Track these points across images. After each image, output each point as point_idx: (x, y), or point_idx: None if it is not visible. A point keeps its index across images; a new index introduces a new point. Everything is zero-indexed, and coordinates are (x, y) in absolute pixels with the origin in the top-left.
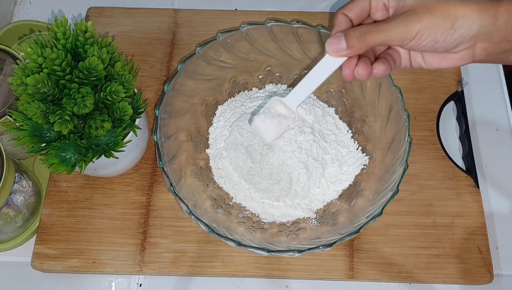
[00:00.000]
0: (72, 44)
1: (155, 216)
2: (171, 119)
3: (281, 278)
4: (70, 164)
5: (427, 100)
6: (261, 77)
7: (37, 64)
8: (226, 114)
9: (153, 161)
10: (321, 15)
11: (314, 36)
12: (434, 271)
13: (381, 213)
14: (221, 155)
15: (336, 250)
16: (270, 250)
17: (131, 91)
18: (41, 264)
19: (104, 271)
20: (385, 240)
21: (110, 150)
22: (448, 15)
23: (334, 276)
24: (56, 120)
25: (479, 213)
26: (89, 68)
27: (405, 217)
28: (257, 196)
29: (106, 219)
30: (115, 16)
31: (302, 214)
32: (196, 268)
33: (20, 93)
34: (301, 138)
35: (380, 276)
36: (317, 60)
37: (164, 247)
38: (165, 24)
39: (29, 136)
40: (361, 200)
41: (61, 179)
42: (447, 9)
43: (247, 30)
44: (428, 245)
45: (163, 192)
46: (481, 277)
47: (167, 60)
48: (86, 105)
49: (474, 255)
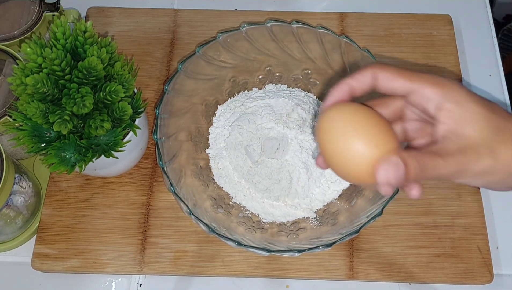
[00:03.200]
0: (71, 44)
1: (155, 216)
2: (171, 119)
3: (281, 278)
4: (70, 164)
5: None
6: (261, 77)
7: (37, 64)
8: (226, 114)
9: (153, 161)
10: (321, 15)
11: (314, 36)
12: (434, 271)
13: (381, 213)
14: (221, 155)
15: (336, 250)
16: (270, 250)
17: (130, 91)
18: (41, 264)
19: (104, 271)
20: (385, 240)
21: (110, 150)
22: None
23: (334, 276)
24: (55, 120)
25: (479, 213)
26: (88, 68)
27: (405, 216)
28: (257, 195)
29: (106, 219)
30: (115, 16)
31: (302, 214)
32: (197, 268)
33: (20, 93)
34: (302, 138)
35: (380, 276)
36: (316, 60)
37: (164, 247)
38: (165, 24)
39: (28, 136)
40: (361, 199)
41: (61, 179)
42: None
43: (247, 30)
44: (428, 245)
45: (163, 192)
46: (481, 277)
47: (167, 60)
48: (86, 105)
49: (474, 255)
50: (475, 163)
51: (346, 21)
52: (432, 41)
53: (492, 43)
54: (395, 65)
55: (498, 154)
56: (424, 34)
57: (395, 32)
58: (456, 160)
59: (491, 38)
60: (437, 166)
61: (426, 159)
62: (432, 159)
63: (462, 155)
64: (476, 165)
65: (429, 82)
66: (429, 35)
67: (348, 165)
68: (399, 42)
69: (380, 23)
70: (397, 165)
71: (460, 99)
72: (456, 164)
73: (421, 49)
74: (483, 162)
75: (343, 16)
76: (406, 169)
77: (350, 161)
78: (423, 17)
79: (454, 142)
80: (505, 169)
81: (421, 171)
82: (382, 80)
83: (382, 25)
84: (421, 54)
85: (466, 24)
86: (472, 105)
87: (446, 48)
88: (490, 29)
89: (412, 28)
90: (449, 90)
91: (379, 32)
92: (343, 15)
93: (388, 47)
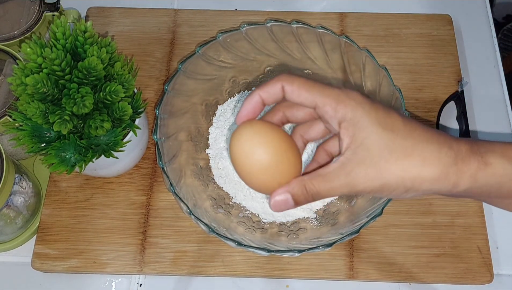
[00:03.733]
0: (71, 44)
1: (155, 216)
2: (171, 119)
3: (281, 278)
4: (70, 164)
5: (427, 100)
6: (261, 77)
7: (37, 64)
8: (226, 114)
9: (153, 161)
10: (321, 15)
11: (314, 36)
12: (434, 271)
13: (381, 213)
14: (221, 155)
15: (336, 250)
16: (270, 250)
17: (130, 91)
18: (41, 264)
19: (104, 271)
20: (385, 240)
21: (110, 150)
22: (403, 181)
23: (334, 276)
24: (55, 120)
25: (479, 212)
26: (88, 68)
27: (405, 216)
28: (257, 196)
29: (106, 219)
30: (115, 16)
31: (302, 214)
32: (196, 268)
33: (20, 93)
34: None
35: (380, 276)
36: (316, 60)
37: (164, 247)
38: (165, 24)
39: (28, 136)
40: (361, 199)
41: (61, 179)
42: (403, 174)
43: (247, 30)
44: (428, 245)
45: (163, 192)
46: (481, 277)
47: (167, 60)
48: (86, 105)
49: (474, 254)
50: (364, 183)
51: (346, 21)
52: (432, 41)
53: (492, 43)
54: (305, 77)
55: (387, 173)
56: (424, 34)
57: (395, 32)
58: (342, 183)
59: (491, 38)
60: (323, 190)
61: (314, 185)
62: (320, 184)
63: (349, 177)
64: (365, 185)
65: (331, 99)
66: (429, 35)
67: (254, 182)
68: (399, 42)
69: (380, 23)
70: (285, 200)
71: (357, 119)
72: (342, 187)
73: (421, 49)
74: (371, 182)
75: (343, 16)
76: (295, 197)
77: (256, 180)
78: (423, 17)
79: (350, 160)
80: (400, 186)
81: (311, 196)
82: (289, 93)
83: (382, 25)
84: (421, 54)
85: (466, 24)
86: (367, 124)
87: (446, 48)
88: (490, 29)
89: (412, 28)
90: (349, 109)
91: (379, 32)
92: (343, 15)
93: (388, 47)
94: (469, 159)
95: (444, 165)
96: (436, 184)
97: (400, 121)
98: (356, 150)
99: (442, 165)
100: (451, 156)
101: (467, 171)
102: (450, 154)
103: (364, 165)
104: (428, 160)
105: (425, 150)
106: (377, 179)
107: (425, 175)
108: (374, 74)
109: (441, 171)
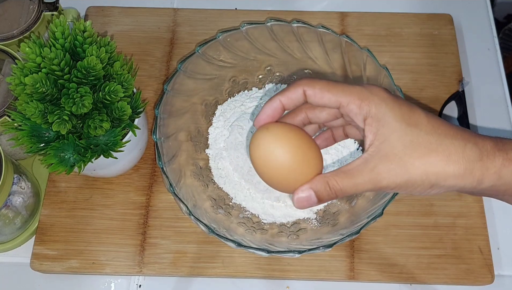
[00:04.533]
0: (70, 43)
1: (155, 216)
2: (170, 118)
3: (282, 278)
4: (69, 164)
5: (428, 100)
6: (261, 77)
7: (36, 63)
8: (226, 114)
9: (153, 161)
10: (322, 15)
11: (314, 36)
12: (435, 272)
13: (382, 214)
14: (221, 155)
15: (336, 250)
16: (271, 251)
17: (130, 91)
18: (40, 265)
19: (104, 272)
20: (386, 241)
21: (109, 150)
22: (428, 177)
23: (335, 277)
24: (54, 120)
25: (480, 213)
26: (87, 68)
27: (406, 217)
28: (257, 196)
29: (105, 220)
30: (114, 15)
31: (302, 215)
32: (196, 269)
33: (19, 93)
34: None
35: (381, 277)
36: (317, 60)
37: (164, 248)
38: (165, 23)
39: (27, 136)
40: (362, 200)
41: (60, 179)
42: (427, 169)
43: (247, 29)
44: (429, 246)
45: (163, 192)
46: (482, 278)
47: (167, 60)
48: (85, 104)
49: (475, 255)
50: (387, 179)
51: (347, 21)
52: (433, 40)
53: (493, 43)
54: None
55: (412, 168)
56: (425, 33)
57: (396, 32)
58: (365, 179)
59: (492, 38)
60: (346, 187)
61: (338, 181)
62: (343, 180)
63: (373, 173)
64: (389, 181)
65: (354, 96)
66: (430, 34)
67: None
68: (400, 42)
69: (381, 22)
70: (308, 196)
71: (381, 115)
72: (365, 183)
73: (422, 48)
74: (395, 178)
75: (343, 16)
76: (318, 194)
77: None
78: (424, 16)
79: (373, 156)
80: (425, 182)
81: (335, 193)
82: (311, 97)
83: (383, 25)
84: (422, 54)
85: (467, 24)
86: (391, 120)
87: (447, 48)
88: (491, 29)
89: (413, 28)
90: (373, 105)
91: (380, 32)
92: (343, 15)
93: (389, 46)
94: (494, 155)
95: (469, 161)
96: (461, 180)
97: (424, 117)
98: (379, 146)
99: (466, 161)
100: (476, 152)
101: (492, 167)
102: (475, 150)
103: (388, 161)
104: (453, 156)
105: (450, 146)
106: (401, 175)
107: (450, 171)
108: (375, 74)
109: (466, 167)
